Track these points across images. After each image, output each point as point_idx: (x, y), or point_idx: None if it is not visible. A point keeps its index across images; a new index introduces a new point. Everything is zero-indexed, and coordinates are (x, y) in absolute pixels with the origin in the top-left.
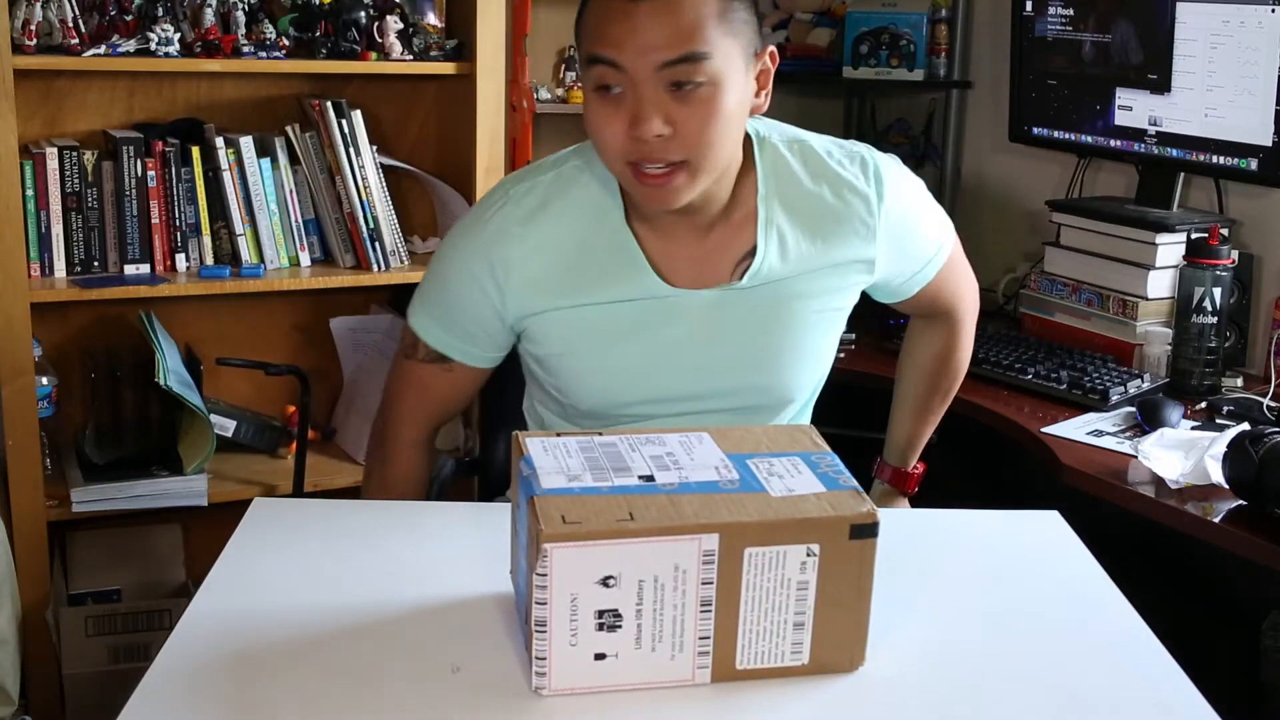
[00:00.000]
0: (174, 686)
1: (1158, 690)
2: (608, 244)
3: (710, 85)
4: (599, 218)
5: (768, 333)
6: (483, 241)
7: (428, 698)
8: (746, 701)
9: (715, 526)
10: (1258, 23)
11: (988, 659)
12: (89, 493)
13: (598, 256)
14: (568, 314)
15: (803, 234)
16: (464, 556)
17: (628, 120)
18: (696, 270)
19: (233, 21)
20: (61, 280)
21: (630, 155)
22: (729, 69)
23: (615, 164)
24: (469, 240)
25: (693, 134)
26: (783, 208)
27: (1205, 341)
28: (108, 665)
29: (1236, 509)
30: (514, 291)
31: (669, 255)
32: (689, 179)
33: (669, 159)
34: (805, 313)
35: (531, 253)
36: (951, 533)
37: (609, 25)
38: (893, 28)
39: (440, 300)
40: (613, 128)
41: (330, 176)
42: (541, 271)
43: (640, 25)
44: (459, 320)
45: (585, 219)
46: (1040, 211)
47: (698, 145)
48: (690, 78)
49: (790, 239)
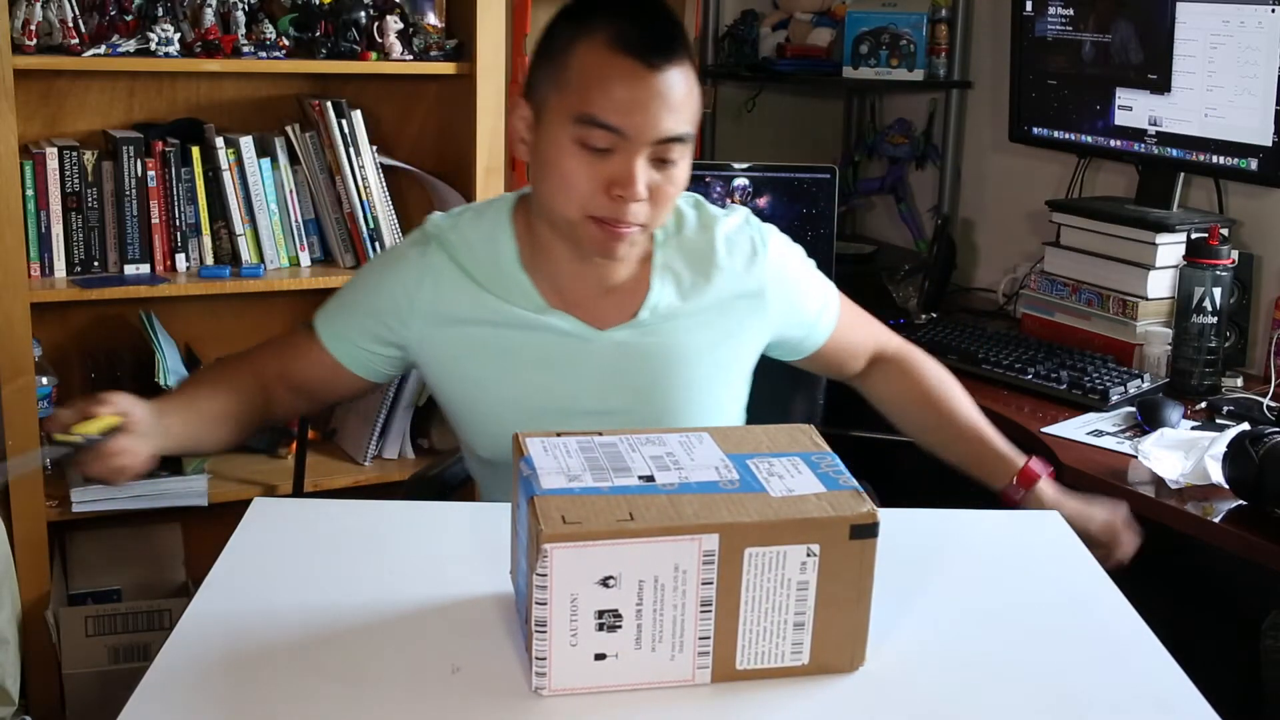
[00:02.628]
0: (174, 686)
1: (1158, 690)
2: (507, 277)
3: (683, 160)
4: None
5: (667, 380)
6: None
7: (428, 698)
8: (746, 701)
9: (715, 527)
10: (1258, 23)
11: (988, 659)
12: (89, 493)
13: (503, 280)
14: (471, 331)
15: (695, 274)
16: (464, 556)
17: (608, 178)
18: (593, 313)
19: (233, 21)
20: (61, 280)
21: (600, 211)
22: (692, 146)
23: (575, 213)
24: (403, 245)
25: (661, 200)
26: (678, 251)
27: (1205, 341)
28: (108, 665)
29: (1236, 509)
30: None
31: (568, 298)
32: (639, 235)
33: (637, 221)
34: (702, 361)
35: (455, 249)
36: (951, 533)
37: (617, 88)
38: (893, 28)
39: (349, 291)
40: (588, 181)
41: (330, 176)
42: (453, 282)
43: (649, 96)
44: (350, 310)
45: (488, 246)
46: (1040, 211)
47: (660, 210)
48: (672, 155)
49: (685, 279)
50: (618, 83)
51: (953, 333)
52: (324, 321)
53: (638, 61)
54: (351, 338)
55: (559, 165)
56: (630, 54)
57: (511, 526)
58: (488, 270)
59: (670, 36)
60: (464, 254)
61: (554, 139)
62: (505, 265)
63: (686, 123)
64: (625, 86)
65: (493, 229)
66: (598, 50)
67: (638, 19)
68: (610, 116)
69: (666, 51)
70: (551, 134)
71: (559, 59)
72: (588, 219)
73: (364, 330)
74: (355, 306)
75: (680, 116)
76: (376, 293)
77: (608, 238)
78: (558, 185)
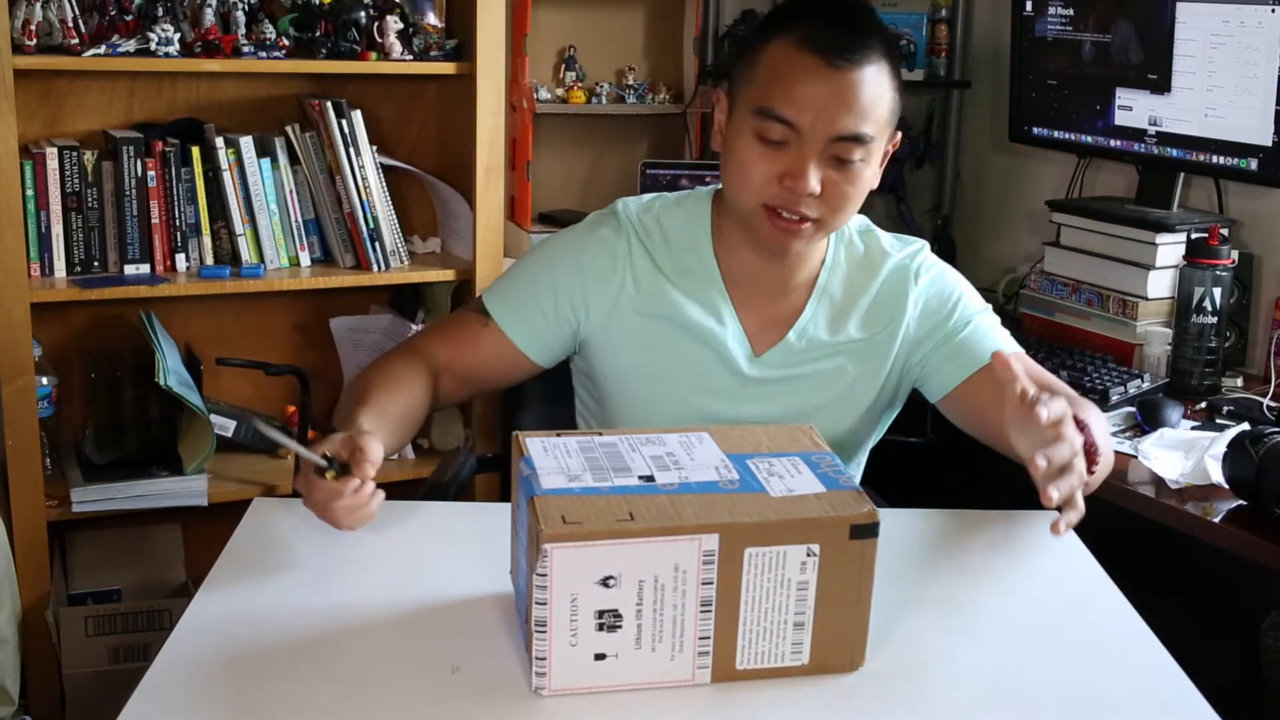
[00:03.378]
0: (174, 686)
1: (1158, 690)
2: (698, 263)
3: (863, 162)
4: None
5: (806, 414)
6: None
7: (428, 698)
8: (746, 701)
9: (715, 527)
10: (1258, 23)
11: (988, 659)
12: (89, 493)
13: (688, 271)
14: (648, 325)
15: (849, 304)
16: (464, 556)
17: (782, 170)
18: (760, 320)
19: (233, 21)
20: (61, 280)
21: (773, 200)
22: (877, 149)
23: (751, 201)
24: (590, 223)
25: (836, 199)
26: (842, 280)
27: (1205, 341)
28: (108, 665)
29: (1236, 509)
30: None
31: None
32: (814, 232)
33: (808, 214)
34: (847, 393)
35: (649, 236)
36: (951, 533)
37: (795, 84)
38: (893, 28)
39: (526, 270)
40: (763, 171)
41: (330, 176)
42: (645, 270)
43: (827, 93)
44: (530, 288)
45: (685, 232)
46: (1040, 211)
47: (835, 209)
48: (852, 155)
49: (839, 307)
50: (799, 78)
51: None
52: (498, 303)
53: (821, 60)
54: (530, 318)
55: (738, 154)
56: (816, 52)
57: (511, 526)
58: (678, 260)
59: (862, 39)
60: (657, 243)
61: (737, 130)
62: (700, 250)
63: (869, 125)
64: (805, 82)
65: (691, 218)
66: (788, 48)
67: (833, 21)
68: (786, 110)
69: (854, 53)
70: (736, 125)
71: (753, 56)
72: (762, 208)
73: (544, 310)
74: (536, 284)
75: (862, 118)
76: (564, 269)
77: (781, 230)
78: (736, 174)
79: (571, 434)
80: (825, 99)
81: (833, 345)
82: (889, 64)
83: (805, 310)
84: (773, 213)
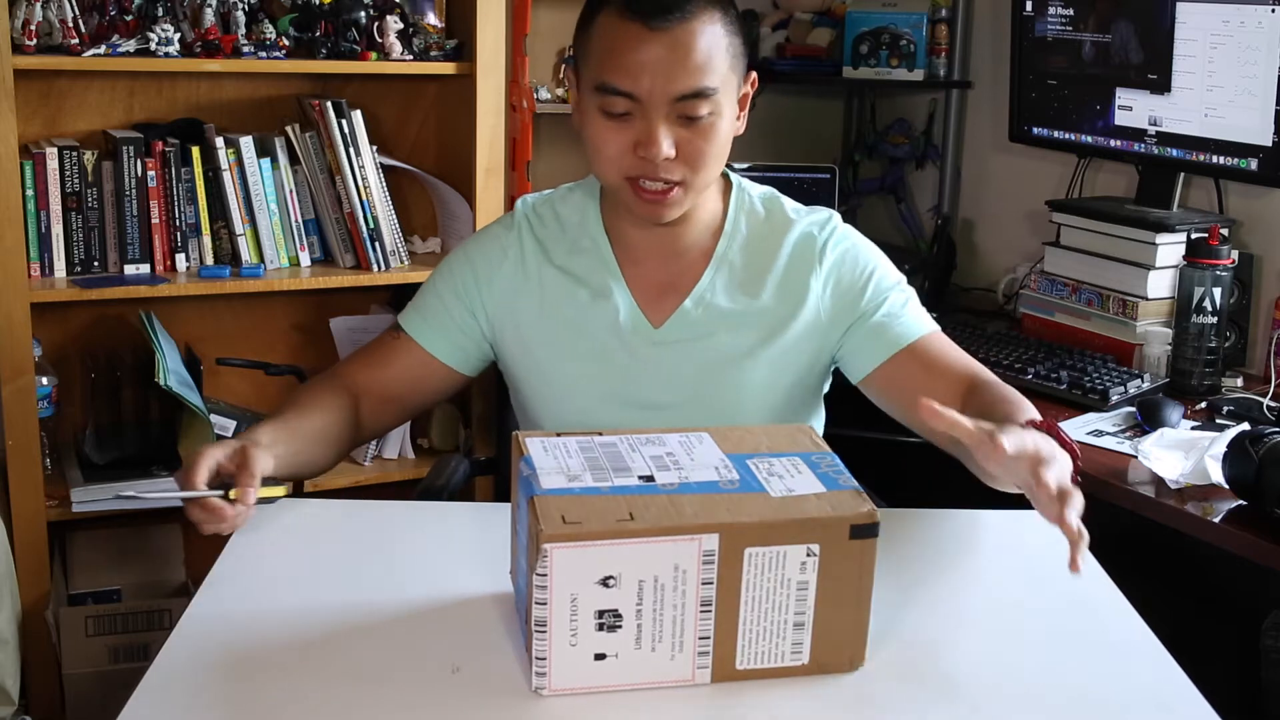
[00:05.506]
0: (174, 686)
1: (1159, 691)
2: (590, 242)
3: (713, 115)
4: (585, 217)
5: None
6: (505, 218)
7: (428, 698)
8: (746, 701)
9: (715, 527)
10: (1258, 23)
11: (988, 659)
12: (89, 493)
13: (582, 251)
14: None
15: (750, 273)
16: (464, 556)
17: (632, 140)
18: (655, 288)
19: (233, 21)
20: (61, 280)
21: (631, 171)
22: (727, 99)
23: (614, 177)
24: (490, 225)
25: (693, 157)
26: (741, 248)
27: (1205, 341)
28: (108, 665)
29: (1236, 509)
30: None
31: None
32: (683, 195)
33: (670, 178)
34: (753, 365)
35: (540, 225)
36: (951, 533)
37: (623, 53)
38: (893, 28)
39: (432, 280)
40: (615, 145)
41: (330, 176)
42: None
43: (656, 57)
44: (435, 295)
45: (577, 214)
46: (1040, 211)
47: (696, 167)
48: (698, 111)
49: (739, 276)
50: (626, 48)
51: (952, 333)
52: (409, 315)
53: (642, 25)
54: (439, 323)
55: (589, 133)
56: (636, 18)
57: (511, 526)
58: (573, 243)
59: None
60: (551, 230)
61: (584, 109)
62: (591, 229)
63: (709, 77)
64: (633, 50)
65: (583, 199)
66: (611, 19)
67: None
68: (621, 81)
69: (673, 11)
70: (582, 105)
71: (586, 33)
72: (626, 182)
73: (450, 313)
74: (439, 290)
75: (698, 73)
76: (459, 269)
77: (648, 202)
78: (593, 152)
79: (571, 434)
80: (655, 63)
81: (736, 314)
82: (718, 9)
83: (703, 278)
84: (636, 185)
